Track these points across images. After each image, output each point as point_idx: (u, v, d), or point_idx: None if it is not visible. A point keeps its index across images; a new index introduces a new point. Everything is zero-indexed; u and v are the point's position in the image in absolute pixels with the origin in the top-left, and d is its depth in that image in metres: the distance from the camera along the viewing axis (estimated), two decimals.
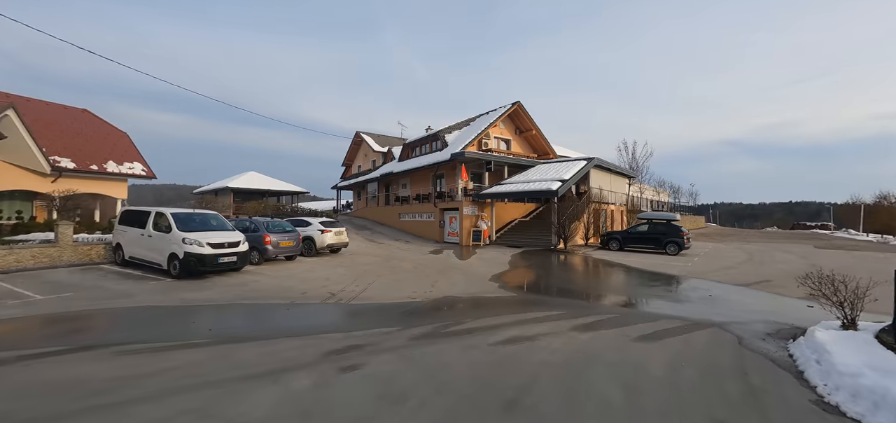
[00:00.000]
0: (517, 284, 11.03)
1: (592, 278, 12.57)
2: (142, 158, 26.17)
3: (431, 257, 16.31)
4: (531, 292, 9.99)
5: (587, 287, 10.98)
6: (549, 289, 10.50)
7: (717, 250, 20.78)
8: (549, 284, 11.25)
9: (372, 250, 18.63)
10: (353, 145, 41.94)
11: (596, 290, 10.53)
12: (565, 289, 10.53)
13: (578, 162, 22.67)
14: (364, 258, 15.62)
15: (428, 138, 29.15)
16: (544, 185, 19.68)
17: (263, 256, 13.18)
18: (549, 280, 11.80)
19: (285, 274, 11.61)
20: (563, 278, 12.36)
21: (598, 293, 10.00)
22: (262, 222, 13.68)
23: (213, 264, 10.62)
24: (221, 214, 24.79)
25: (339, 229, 16.37)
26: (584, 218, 20.23)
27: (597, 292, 10.09)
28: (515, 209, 25.17)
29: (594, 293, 9.98)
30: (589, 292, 10.07)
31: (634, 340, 6.01)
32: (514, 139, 28.61)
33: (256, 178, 39.89)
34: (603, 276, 12.85)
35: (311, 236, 15.78)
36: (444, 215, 23.91)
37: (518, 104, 27.04)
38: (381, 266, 13.56)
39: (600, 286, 11.13)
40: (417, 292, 9.28)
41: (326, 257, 15.63)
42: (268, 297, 8.59)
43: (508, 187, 21.39)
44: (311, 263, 14.13)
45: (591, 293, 9.98)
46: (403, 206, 28.23)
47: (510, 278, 11.92)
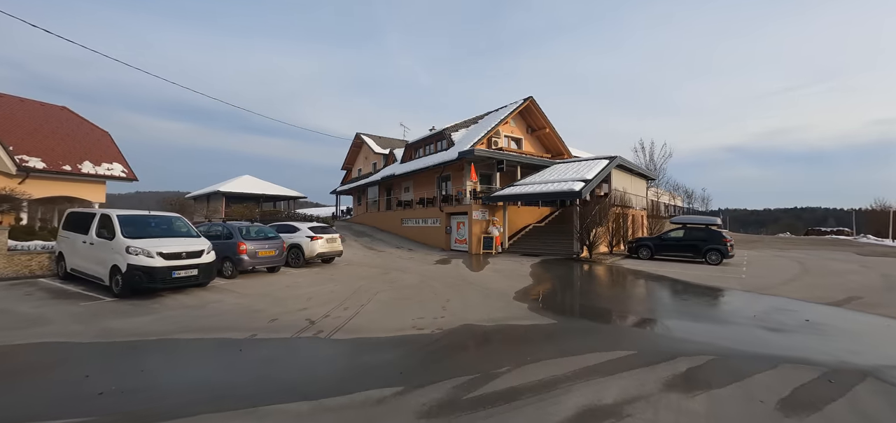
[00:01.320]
0: (551, 304, 8.74)
1: (639, 295, 10.25)
2: (123, 159, 24.12)
3: (438, 268, 14.04)
4: (574, 317, 7.68)
5: (640, 309, 8.65)
6: (594, 312, 8.19)
7: (758, 259, 18.43)
8: (591, 304, 8.94)
9: (370, 260, 16.37)
10: (353, 148, 39.86)
11: (653, 312, 8.21)
12: (614, 311, 8.23)
13: (599, 161, 20.42)
14: (360, 270, 13.36)
15: (432, 138, 26.99)
16: (565, 185, 17.43)
17: (238, 267, 10.96)
18: (588, 299, 9.49)
19: (259, 291, 9.36)
20: (604, 295, 10.05)
21: (660, 318, 7.69)
22: (236, 227, 11.47)
23: (166, 280, 8.39)
24: (215, 219, 22.69)
25: (331, 236, 14.14)
26: (608, 223, 17.92)
27: (657, 316, 7.78)
28: (529, 214, 22.90)
29: (654, 318, 7.67)
30: (647, 317, 7.76)
31: (778, 408, 3.73)
32: (526, 138, 26.41)
33: (251, 181, 37.84)
34: (650, 292, 10.54)
35: (299, 244, 13.56)
36: (450, 221, 21.66)
37: (530, 100, 24.88)
38: (380, 280, 11.30)
39: (656, 307, 8.81)
40: (425, 318, 7.01)
41: (316, 269, 13.39)
42: (223, 327, 6.34)
43: (523, 189, 19.14)
44: (297, 275, 11.90)
45: (651, 318, 7.67)
46: (406, 210, 26.01)
47: (539, 295, 9.63)
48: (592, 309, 8.33)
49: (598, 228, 16.94)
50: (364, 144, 38.10)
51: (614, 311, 8.21)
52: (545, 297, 9.45)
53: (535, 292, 9.95)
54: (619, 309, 8.41)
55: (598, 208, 17.61)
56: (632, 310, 8.33)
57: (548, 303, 8.70)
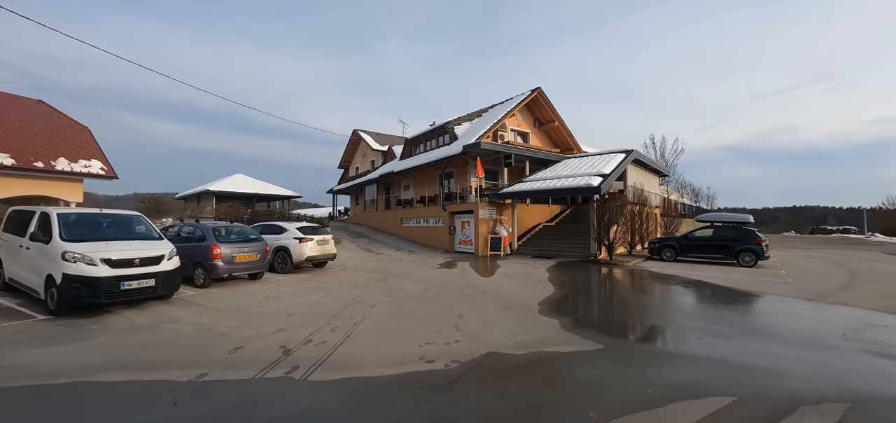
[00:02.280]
0: (589, 320, 7.17)
1: (685, 306, 8.68)
2: (102, 156, 22.51)
3: (444, 274, 12.46)
4: (623, 339, 6.09)
5: (697, 325, 7.05)
6: (644, 330, 6.60)
7: (789, 260, 16.92)
8: (635, 319, 7.36)
9: (368, 264, 14.78)
10: (351, 145, 38.26)
11: (717, 331, 6.61)
12: (668, 329, 6.65)
13: (615, 155, 18.88)
14: (356, 275, 11.77)
15: (434, 132, 25.42)
16: (581, 181, 15.87)
17: (211, 274, 9.36)
18: (628, 312, 7.90)
19: (232, 305, 7.77)
20: (645, 307, 8.48)
21: (731, 338, 6.10)
22: (210, 228, 9.86)
23: (113, 293, 6.80)
24: (202, 219, 21.06)
25: (323, 237, 12.55)
26: (627, 222, 16.34)
27: (726, 336, 6.19)
28: (538, 212, 21.35)
29: (724, 338, 6.08)
30: (714, 336, 6.17)
31: None
32: (533, 132, 24.86)
33: (243, 180, 36.22)
34: (697, 302, 8.97)
35: (286, 247, 11.97)
36: (454, 220, 20.08)
37: (538, 91, 23.33)
38: (378, 288, 9.72)
39: (716, 323, 7.21)
40: (435, 344, 5.43)
41: (306, 275, 11.79)
42: (167, 362, 4.74)
43: (534, 185, 17.58)
44: (282, 283, 10.31)
45: (719, 338, 6.08)
46: (405, 210, 24.44)
47: (569, 308, 8.06)
48: (641, 327, 6.75)
49: (617, 227, 15.37)
50: (362, 141, 36.50)
51: (668, 329, 6.62)
52: (576, 309, 7.89)
53: (564, 304, 8.37)
54: (672, 326, 6.83)
55: (616, 206, 16.06)
56: (688, 327, 6.74)
57: (582, 318, 7.12)
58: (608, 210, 15.32)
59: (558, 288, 9.93)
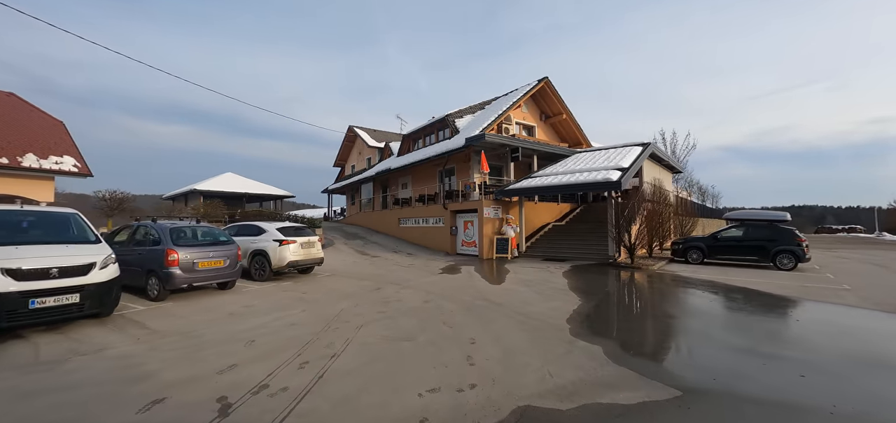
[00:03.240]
0: (640, 345, 5.56)
1: (749, 323, 7.06)
2: (76, 152, 20.85)
3: (447, 280, 10.85)
4: (706, 378, 4.47)
5: (787, 352, 5.44)
6: (725, 364, 4.98)
7: (824, 262, 15.37)
8: (705, 345, 5.76)
9: (360, 268, 13.17)
10: (346, 142, 36.64)
11: (816, 360, 4.99)
12: (753, 359, 5.03)
13: (631, 148, 17.31)
14: (345, 283, 10.15)
15: (433, 126, 23.81)
16: (598, 175, 14.28)
17: (166, 285, 7.73)
18: (691, 335, 6.28)
19: (179, 328, 6.14)
20: (705, 324, 6.87)
21: (841, 373, 4.50)
22: (167, 229, 8.21)
23: (19, 313, 5.19)
24: (187, 220, 19.36)
25: (307, 239, 10.92)
26: (652, 221, 14.70)
27: (832, 370, 4.59)
28: (547, 211, 19.76)
29: (833, 374, 4.47)
30: (822, 371, 4.56)
31: None
32: (539, 126, 23.29)
33: (233, 179, 34.53)
34: (761, 318, 7.36)
35: (264, 251, 10.35)
36: (456, 220, 18.47)
37: (546, 81, 21.76)
38: (369, 300, 8.10)
39: (808, 349, 5.60)
40: (442, 393, 3.83)
41: (287, 283, 10.17)
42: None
43: (545, 181, 15.98)
44: (256, 294, 8.69)
45: (826, 370, 4.47)
46: (403, 209, 22.82)
47: (608, 327, 6.46)
48: (713, 357, 5.13)
49: (638, 226, 13.77)
50: (358, 138, 34.90)
51: (751, 358, 4.99)
52: (617, 328, 6.29)
53: (600, 321, 6.77)
54: (754, 354, 5.19)
55: (635, 203, 14.50)
56: (777, 357, 5.08)
57: (629, 342, 5.52)
58: (628, 207, 13.73)
59: (584, 298, 8.33)
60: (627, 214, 13.67)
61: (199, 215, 18.01)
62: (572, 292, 9.12)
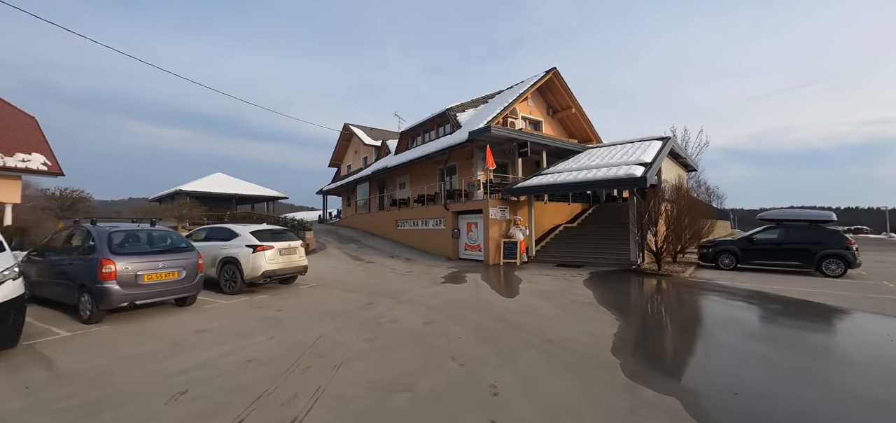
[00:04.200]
0: (732, 392, 4.00)
1: (846, 352, 5.50)
2: (47, 149, 19.28)
3: (451, 292, 9.27)
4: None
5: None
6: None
7: (870, 267, 13.86)
8: (831, 397, 4.21)
9: (352, 277, 11.58)
10: (342, 141, 35.07)
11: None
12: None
13: (651, 142, 15.81)
14: (331, 297, 8.56)
15: (433, 121, 22.27)
16: (618, 171, 12.74)
17: (99, 303, 6.13)
18: (786, 382, 4.72)
19: (96, 368, 4.55)
20: (804, 357, 5.31)
21: None
22: (105, 233, 6.61)
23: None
24: (167, 224, 17.81)
25: (287, 245, 9.32)
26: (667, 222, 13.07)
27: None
28: (557, 212, 18.20)
29: None
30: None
31: None
32: (546, 121, 21.76)
33: (222, 180, 32.96)
34: (861, 346, 5.80)
35: (234, 259, 8.75)
36: (458, 222, 16.91)
37: (554, 73, 20.25)
38: (356, 323, 6.52)
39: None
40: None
41: (262, 296, 8.57)
42: None
43: (558, 178, 14.42)
44: (217, 313, 7.09)
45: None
46: (401, 210, 21.24)
47: (668, 360, 4.90)
48: (840, 416, 3.58)
49: (666, 228, 12.21)
50: (353, 137, 33.32)
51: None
52: (682, 363, 4.73)
53: (658, 354, 5.21)
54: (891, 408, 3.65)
55: (657, 202, 12.93)
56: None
57: (716, 391, 3.94)
58: (651, 207, 12.19)
59: (621, 317, 6.76)
60: (653, 214, 12.12)
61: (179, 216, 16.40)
62: (603, 307, 7.55)
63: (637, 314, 7.19)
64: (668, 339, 5.79)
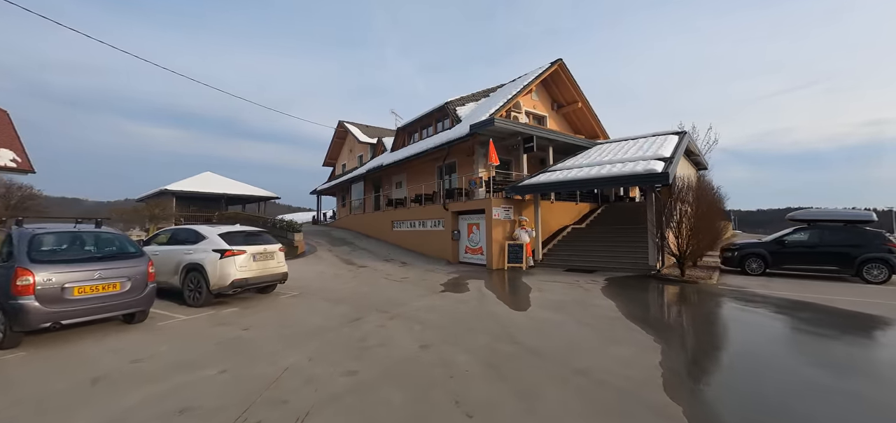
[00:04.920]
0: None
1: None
2: (18, 145, 18.09)
3: (451, 304, 8.06)
4: None
5: None
6: None
7: None
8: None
9: (341, 284, 10.35)
10: (336, 140, 33.85)
11: None
12: None
13: (667, 137, 14.67)
14: (311, 312, 7.33)
15: (431, 116, 21.08)
16: (637, 166, 11.57)
17: (14, 323, 4.90)
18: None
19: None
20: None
21: None
22: (25, 237, 5.36)
23: None
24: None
25: (263, 249, 8.08)
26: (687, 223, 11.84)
27: None
28: (564, 212, 17.01)
29: None
30: None
31: None
32: (551, 116, 20.59)
33: (212, 179, 31.66)
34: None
35: (199, 265, 7.51)
36: (458, 222, 15.71)
37: (559, 65, 19.09)
38: (337, 347, 5.29)
39: None
40: None
41: (230, 311, 7.34)
42: None
43: (568, 175, 13.23)
44: (170, 334, 5.86)
45: None
46: (397, 210, 20.02)
47: (737, 402, 3.69)
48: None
49: (687, 230, 11.00)
50: (348, 135, 32.12)
51: None
52: (762, 409, 3.53)
53: (700, 376, 4.00)
54: None
55: (674, 201, 11.76)
56: None
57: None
58: (669, 206, 11.01)
59: (660, 338, 5.56)
60: (677, 215, 10.94)
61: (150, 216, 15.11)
62: (634, 323, 6.35)
63: (678, 334, 5.99)
64: (734, 371, 4.58)
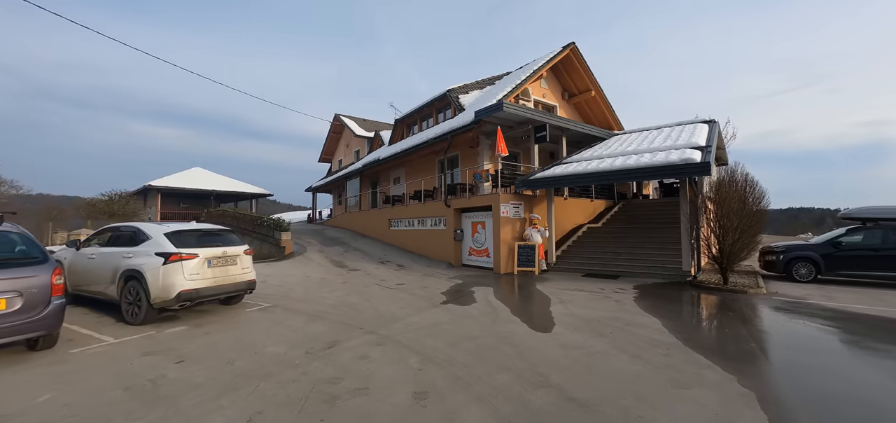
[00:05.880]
0: None
1: None
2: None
3: (455, 323, 6.48)
4: None
5: None
6: None
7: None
8: None
9: (324, 293, 8.76)
10: (332, 134, 32.29)
11: None
12: None
13: (696, 125, 13.11)
14: (272, 336, 5.73)
15: (432, 105, 19.52)
16: (670, 155, 9.99)
17: None
18: None
19: None
20: None
21: None
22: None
23: None
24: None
25: (221, 252, 6.49)
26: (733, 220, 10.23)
27: None
28: (578, 210, 15.42)
29: None
30: None
31: None
32: (561, 106, 19.01)
33: (201, 175, 30.13)
34: None
35: (137, 272, 5.95)
36: (461, 221, 14.15)
37: (572, 49, 17.50)
38: (290, 397, 3.71)
39: None
40: None
41: (173, 332, 5.76)
42: None
43: (588, 166, 11.64)
44: (67, 371, 4.27)
45: None
46: (395, 208, 18.46)
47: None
48: None
49: (735, 231, 9.39)
50: (345, 129, 30.56)
51: None
52: None
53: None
54: None
55: (705, 199, 10.18)
56: None
57: None
58: (704, 202, 9.44)
59: (741, 375, 4.00)
60: (719, 212, 9.35)
61: (88, 214, 13.48)
62: (697, 353, 4.79)
63: (763, 369, 4.41)
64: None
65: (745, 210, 9.32)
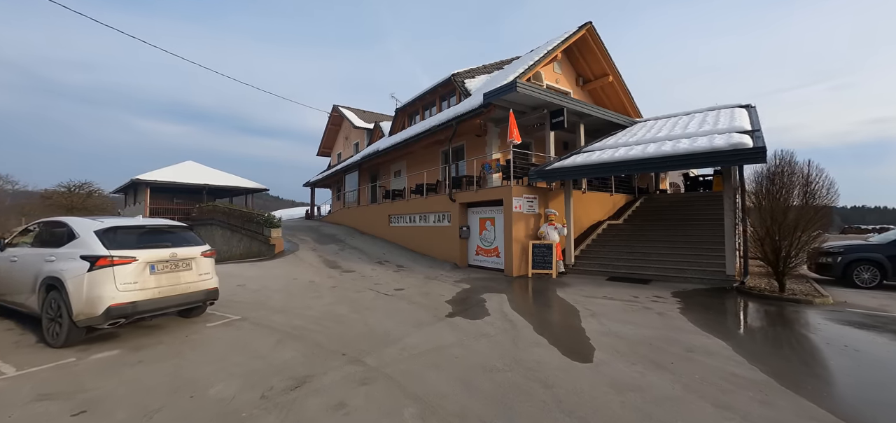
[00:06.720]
0: None
1: None
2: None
3: (464, 345, 5.12)
4: None
5: None
6: None
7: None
8: None
9: (308, 301, 7.41)
10: (331, 127, 30.93)
11: None
12: None
13: (734, 109, 11.67)
14: (227, 367, 4.36)
15: (435, 92, 18.12)
16: (715, 141, 8.53)
17: None
18: None
19: None
20: None
21: None
22: None
23: None
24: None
25: (170, 254, 5.15)
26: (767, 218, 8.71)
27: None
28: (596, 205, 13.98)
29: None
30: None
31: None
32: (575, 92, 17.53)
33: (193, 169, 28.87)
34: None
35: (57, 280, 4.62)
36: (467, 217, 12.79)
37: (588, 29, 16.02)
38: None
39: None
40: None
41: (99, 357, 4.43)
42: None
43: (614, 154, 10.19)
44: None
45: None
46: (395, 203, 17.08)
47: None
48: None
49: (787, 232, 7.94)
50: (344, 121, 29.17)
51: None
52: None
53: None
54: None
55: (757, 192, 8.70)
56: None
57: None
58: (779, 194, 7.99)
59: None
60: (777, 208, 7.89)
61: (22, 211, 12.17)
62: (794, 393, 3.41)
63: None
64: None
65: (809, 206, 7.88)
